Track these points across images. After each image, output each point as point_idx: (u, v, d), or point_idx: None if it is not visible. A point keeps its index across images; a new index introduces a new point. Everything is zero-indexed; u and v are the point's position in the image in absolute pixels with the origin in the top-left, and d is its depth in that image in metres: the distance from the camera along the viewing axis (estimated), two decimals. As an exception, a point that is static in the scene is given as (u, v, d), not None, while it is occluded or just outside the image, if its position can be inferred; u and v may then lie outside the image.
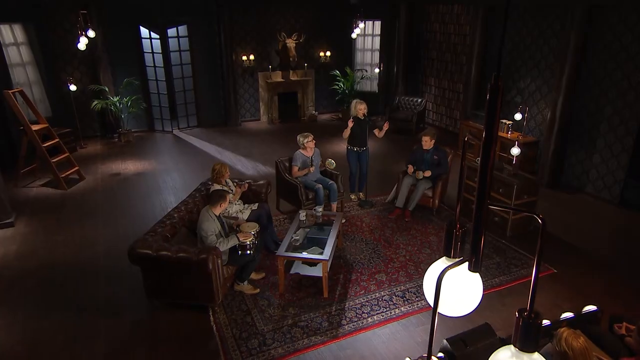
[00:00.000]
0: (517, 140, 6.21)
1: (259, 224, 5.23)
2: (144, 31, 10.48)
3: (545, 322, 3.68)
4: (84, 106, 10.28)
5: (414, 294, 4.89)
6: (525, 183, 5.94)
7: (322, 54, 12.43)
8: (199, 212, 4.90)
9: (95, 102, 9.90)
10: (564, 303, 4.74)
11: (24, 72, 9.52)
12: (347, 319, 4.50)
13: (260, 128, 11.74)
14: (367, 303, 4.75)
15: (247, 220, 5.32)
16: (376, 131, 6.96)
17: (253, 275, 5.15)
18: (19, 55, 9.41)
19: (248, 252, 4.76)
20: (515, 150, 5.98)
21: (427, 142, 6.48)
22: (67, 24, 9.71)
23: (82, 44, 7.92)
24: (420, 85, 11.65)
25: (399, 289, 4.98)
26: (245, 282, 4.96)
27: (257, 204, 5.82)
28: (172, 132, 11.30)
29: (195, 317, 4.56)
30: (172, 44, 10.85)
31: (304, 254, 4.88)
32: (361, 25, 10.32)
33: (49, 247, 5.95)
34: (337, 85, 12.32)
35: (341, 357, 4.05)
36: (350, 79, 12.15)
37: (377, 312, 4.62)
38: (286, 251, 4.87)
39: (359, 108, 6.74)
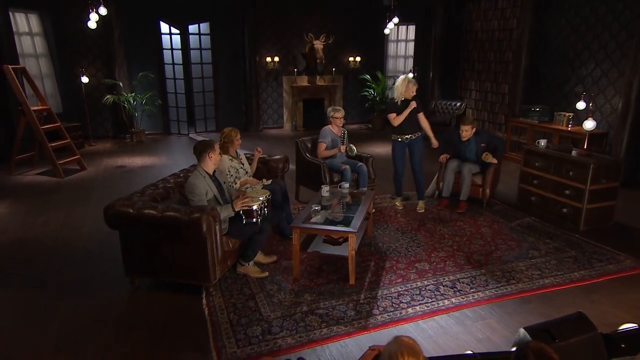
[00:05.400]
0: (589, 114, 5.17)
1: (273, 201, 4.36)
2: (164, 27, 10.15)
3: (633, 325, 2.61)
4: (97, 103, 9.86)
5: (467, 284, 3.84)
6: (603, 163, 4.88)
7: (351, 59, 11.84)
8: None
9: (107, 97, 9.44)
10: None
11: (36, 64, 9.19)
12: (381, 309, 3.48)
13: (282, 134, 11.05)
14: (405, 292, 3.72)
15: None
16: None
17: (261, 258, 4.21)
18: (32, 46, 9.12)
19: (255, 220, 3.84)
20: (589, 124, 4.98)
21: (468, 132, 5.54)
22: (84, 16, 9.42)
23: (93, 21, 7.50)
24: (458, 90, 10.81)
25: (446, 279, 3.93)
26: (251, 263, 4.02)
27: (270, 180, 4.96)
28: (188, 135, 10.73)
29: (183, 300, 3.63)
30: (193, 41, 10.47)
31: (327, 227, 3.93)
32: (395, 20, 9.69)
33: (26, 226, 5.19)
34: (367, 91, 11.63)
35: (373, 351, 3.00)
36: (382, 85, 11.45)
37: (420, 302, 3.58)
38: (304, 223, 3.94)
39: (412, 90, 5.27)
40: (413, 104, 5.28)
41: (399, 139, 5.50)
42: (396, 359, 1.51)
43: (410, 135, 5.45)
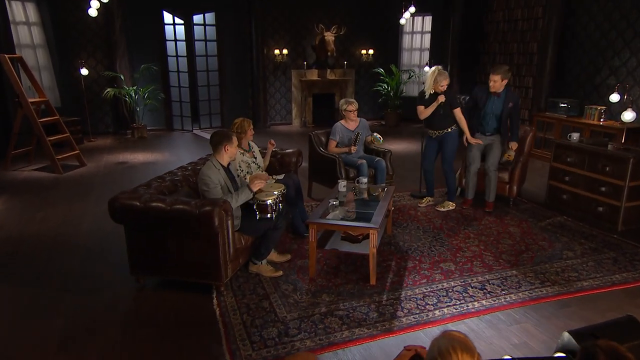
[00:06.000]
0: (630, 105, 5.03)
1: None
2: (167, 17, 10.13)
3: None
4: (97, 97, 9.86)
5: (498, 286, 3.73)
6: (643, 157, 4.75)
7: (363, 51, 11.78)
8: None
9: (108, 90, 9.43)
10: None
11: (34, 55, 9.19)
12: (405, 311, 3.38)
13: (291, 130, 10.99)
14: (431, 293, 3.62)
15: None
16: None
17: (274, 257, 4.13)
18: (29, 36, 9.12)
19: (269, 215, 3.76)
20: (628, 115, 4.85)
21: (498, 83, 5.03)
22: (84, 4, 9.42)
23: (93, 9, 7.48)
24: (477, 84, 10.67)
25: (475, 280, 3.83)
26: (264, 262, 3.94)
27: (282, 175, 4.89)
28: (192, 131, 10.69)
29: (192, 300, 3.55)
30: (198, 32, 10.45)
31: (346, 222, 3.84)
32: (411, 9, 9.60)
33: (23, 222, 5.15)
34: (381, 86, 11.54)
35: (399, 355, 2.91)
36: (396, 79, 11.36)
37: (447, 304, 3.48)
38: (321, 218, 3.85)
39: (442, 83, 5.07)
40: (440, 99, 5.11)
41: (430, 134, 5.42)
42: (448, 355, 1.41)
43: (440, 132, 5.32)
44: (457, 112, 5.26)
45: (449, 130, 5.29)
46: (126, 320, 3.34)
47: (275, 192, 3.86)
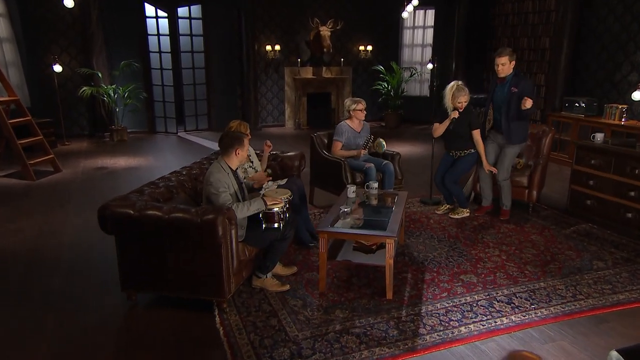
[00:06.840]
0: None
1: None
2: (150, 9, 10.06)
3: None
4: (71, 97, 9.73)
5: (526, 300, 3.69)
6: (674, 159, 4.77)
7: (361, 48, 11.81)
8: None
9: (84, 88, 9.30)
10: None
11: (0, 50, 9.04)
12: (428, 327, 3.33)
13: (284, 133, 10.94)
14: (454, 308, 3.57)
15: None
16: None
17: (280, 270, 4.05)
18: (-4, 29, 8.98)
19: (275, 225, 3.69)
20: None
21: (506, 66, 4.91)
22: (57, -5, 9.34)
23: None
24: (484, 83, 10.75)
25: (500, 293, 3.79)
26: (269, 275, 3.86)
27: (285, 180, 4.82)
28: (176, 134, 10.58)
29: (191, 318, 3.46)
30: (183, 26, 10.39)
31: (361, 231, 3.79)
32: (414, 2, 9.63)
33: (-5, 235, 5.01)
34: (380, 85, 11.55)
35: (427, 377, 2.86)
36: (397, 77, 11.38)
37: (473, 320, 3.43)
38: (331, 226, 3.79)
39: (461, 100, 5.05)
40: (453, 115, 5.08)
41: (451, 154, 5.41)
42: None
43: (455, 152, 5.35)
44: (476, 133, 5.19)
45: (467, 152, 5.28)
46: (119, 343, 3.25)
47: (282, 198, 3.79)
